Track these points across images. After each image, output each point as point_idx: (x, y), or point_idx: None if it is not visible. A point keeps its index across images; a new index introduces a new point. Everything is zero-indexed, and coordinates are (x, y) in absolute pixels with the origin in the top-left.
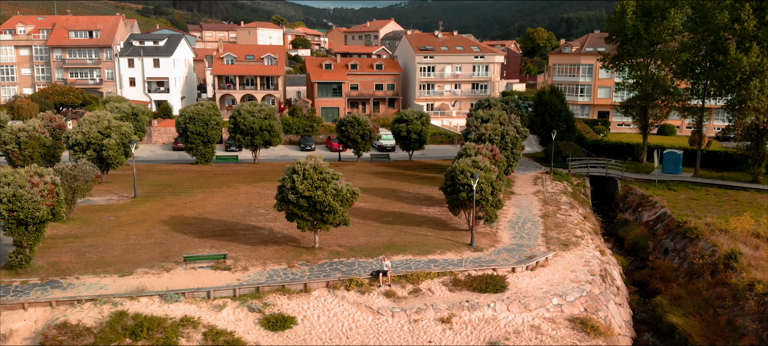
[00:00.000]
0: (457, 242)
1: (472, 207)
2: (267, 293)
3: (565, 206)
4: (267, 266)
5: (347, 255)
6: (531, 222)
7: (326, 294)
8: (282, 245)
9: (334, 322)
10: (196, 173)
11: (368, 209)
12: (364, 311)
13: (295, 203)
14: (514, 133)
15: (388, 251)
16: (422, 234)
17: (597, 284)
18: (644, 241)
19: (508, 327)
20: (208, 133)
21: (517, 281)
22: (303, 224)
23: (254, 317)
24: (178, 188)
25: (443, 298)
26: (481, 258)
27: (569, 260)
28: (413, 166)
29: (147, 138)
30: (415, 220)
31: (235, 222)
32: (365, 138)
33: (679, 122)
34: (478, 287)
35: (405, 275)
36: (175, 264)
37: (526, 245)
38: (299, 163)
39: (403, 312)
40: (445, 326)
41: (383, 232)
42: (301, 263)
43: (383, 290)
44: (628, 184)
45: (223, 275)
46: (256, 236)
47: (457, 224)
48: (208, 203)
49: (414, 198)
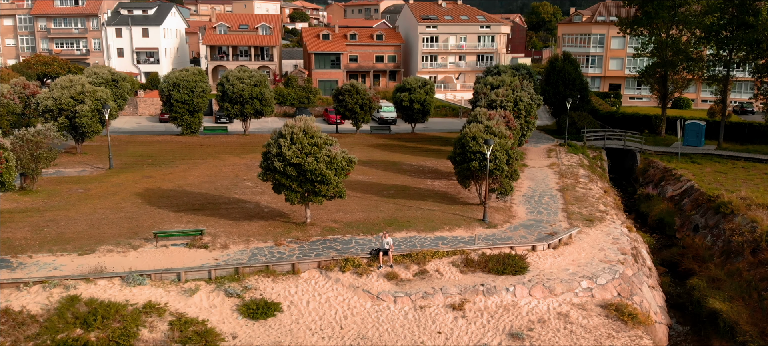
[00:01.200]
0: (467, 218)
1: (485, 178)
2: (248, 275)
3: (584, 179)
4: (250, 243)
5: (343, 232)
6: (548, 196)
7: (317, 276)
8: (269, 220)
9: (326, 309)
10: (181, 144)
11: (367, 182)
12: (361, 296)
13: (282, 172)
14: (528, 99)
15: (390, 228)
16: (428, 209)
17: (629, 265)
18: (670, 217)
19: (531, 315)
20: (194, 101)
21: (539, 262)
22: (292, 197)
23: (232, 302)
24: (159, 159)
25: (454, 280)
26: (496, 235)
27: (595, 238)
28: (416, 139)
29: (133, 109)
30: (420, 194)
31: (218, 195)
32: (365, 108)
33: (693, 95)
34: (494, 268)
35: (409, 254)
36: (144, 242)
37: (545, 221)
38: (287, 125)
39: (408, 297)
40: (456, 313)
41: (384, 206)
42: (289, 240)
43: (384, 271)
44: (647, 157)
45: (198, 253)
46: (240, 210)
47: (466, 197)
48: (189, 174)
49: (417, 171)
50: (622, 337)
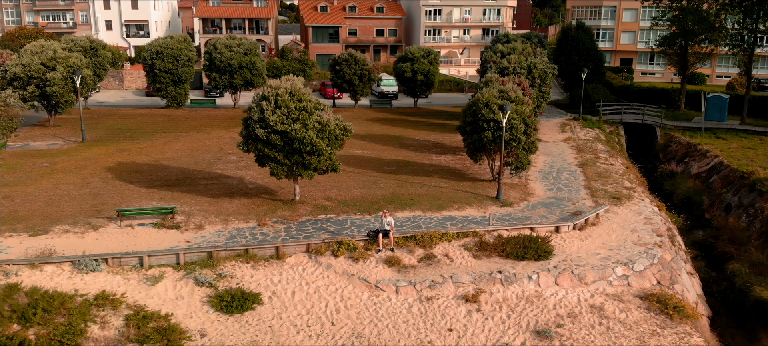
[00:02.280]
0: (478, 195)
1: (500, 150)
2: (224, 260)
3: (604, 154)
4: (229, 223)
5: (337, 210)
6: (567, 172)
7: (306, 262)
8: (253, 197)
9: (315, 301)
10: (165, 117)
11: (366, 156)
12: (357, 285)
13: (265, 141)
14: (542, 66)
15: (391, 206)
16: (434, 186)
17: (667, 248)
18: (698, 196)
19: (559, 308)
20: (179, 71)
21: (565, 245)
22: (277, 170)
23: (202, 293)
24: (138, 132)
25: (466, 266)
26: (512, 215)
27: (625, 217)
28: (419, 113)
29: (118, 83)
30: (424, 169)
31: (198, 170)
32: (364, 80)
33: (708, 71)
34: (513, 253)
35: (413, 236)
36: (107, 221)
37: (566, 199)
38: (270, 86)
39: (412, 287)
40: (470, 306)
41: (384, 183)
42: (275, 220)
43: (384, 256)
44: (668, 132)
45: (168, 235)
46: (221, 186)
47: (476, 173)
48: (168, 148)
49: (421, 145)
50: (669, 335)
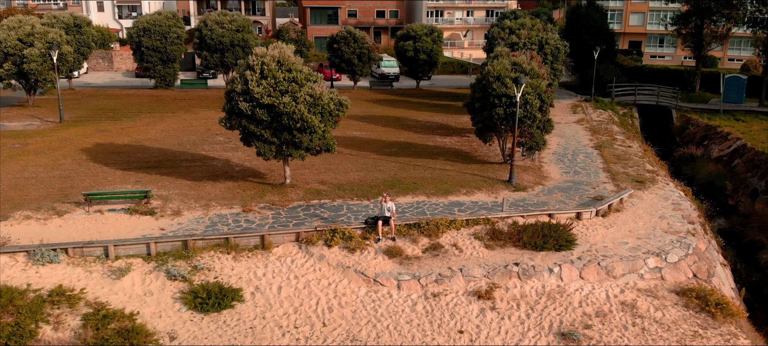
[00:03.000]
0: (488, 179)
1: (513, 129)
2: (201, 250)
3: (620, 136)
4: (211, 209)
5: (332, 195)
6: (583, 154)
7: (295, 252)
8: (238, 180)
9: (304, 297)
10: (152, 97)
11: (365, 138)
12: (352, 279)
13: (249, 116)
14: (555, 41)
15: (392, 190)
16: (439, 168)
17: (700, 237)
18: (720, 180)
19: (585, 306)
20: (168, 49)
21: (588, 233)
22: (264, 149)
23: (174, 288)
24: (122, 112)
25: (477, 258)
26: (527, 200)
27: (651, 202)
28: (421, 94)
29: (108, 64)
30: (428, 151)
31: (181, 151)
32: (363, 59)
33: (720, 53)
34: (531, 242)
35: (417, 223)
36: (74, 206)
37: (585, 183)
38: (256, 54)
39: (416, 281)
40: (483, 303)
41: (384, 166)
42: (262, 206)
43: (384, 245)
44: (684, 114)
45: (141, 221)
46: (205, 168)
47: (485, 155)
48: (152, 128)
49: (424, 127)
50: (713, 336)
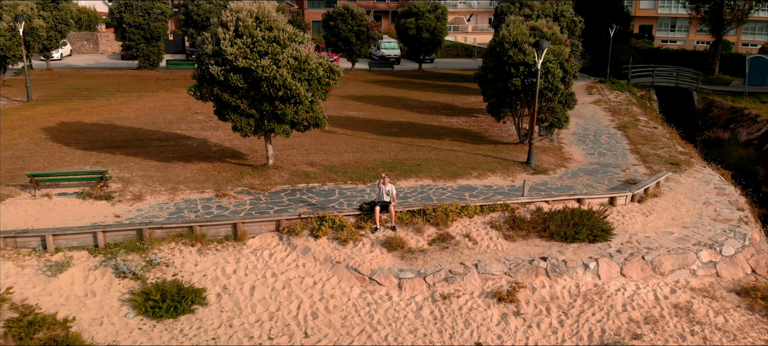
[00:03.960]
0: (503, 160)
1: (531, 102)
2: (160, 241)
3: (642, 117)
4: (178, 193)
5: (322, 178)
6: (606, 135)
7: (274, 244)
8: (214, 161)
9: (283, 300)
10: (133, 77)
11: (362, 118)
12: (344, 276)
13: (222, 83)
14: (571, 13)
15: (392, 173)
16: (446, 149)
17: (752, 225)
18: (752, 165)
19: (631, 309)
20: (151, 26)
21: (624, 221)
22: (241, 123)
23: (123, 288)
24: (97, 91)
25: (496, 251)
26: (549, 184)
27: (690, 187)
28: (424, 76)
29: (93, 46)
30: (433, 132)
31: (154, 130)
32: (361, 38)
33: (733, 38)
34: (560, 232)
35: (422, 209)
36: (19, 189)
37: (613, 165)
38: (231, 9)
39: (421, 280)
40: (504, 308)
41: (384, 146)
42: (239, 189)
43: (382, 236)
44: (706, 96)
45: (95, 207)
46: (178, 148)
47: (496, 135)
48: (127, 107)
49: (428, 107)
50: None
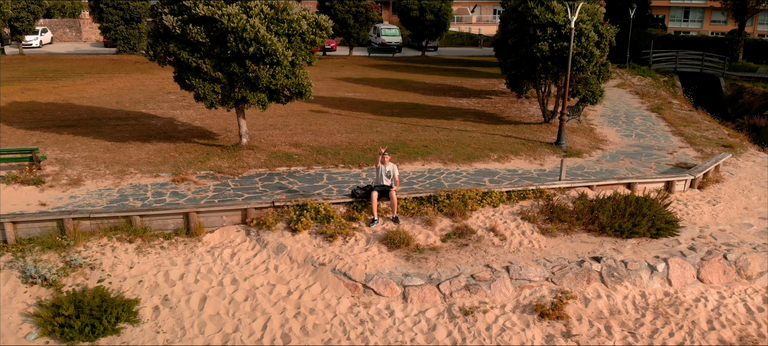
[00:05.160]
0: (527, 141)
1: (566, 69)
2: (87, 235)
3: (674, 100)
4: (126, 177)
5: (308, 160)
6: (639, 116)
7: (239, 240)
8: (178, 141)
9: (244, 316)
10: (110, 61)
11: (358, 99)
12: (329, 283)
13: (179, 37)
14: None
15: (394, 156)
16: (457, 129)
17: None
18: None
19: (719, 326)
20: (130, 6)
21: (689, 211)
22: (205, 90)
23: (30, 297)
24: (65, 73)
25: (530, 249)
26: (586, 168)
27: (754, 171)
28: (428, 61)
29: (75, 34)
30: (440, 112)
31: (115, 109)
32: (360, 20)
33: (749, 29)
34: (613, 225)
35: (433, 196)
36: None
37: (656, 147)
38: None
39: (433, 289)
40: (550, 326)
41: (384, 127)
42: (202, 173)
43: (380, 229)
44: (734, 83)
45: (19, 193)
46: (138, 127)
47: (515, 116)
48: (92, 87)
49: (433, 89)
50: None
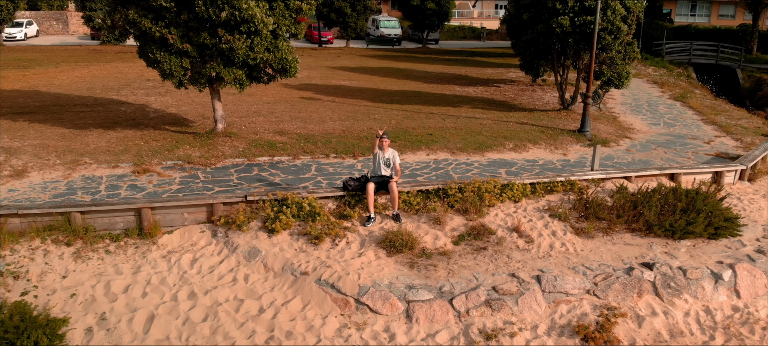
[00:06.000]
0: (546, 129)
1: (592, 48)
2: (16, 237)
3: (696, 90)
4: (79, 168)
5: (294, 149)
6: (663, 105)
7: (202, 243)
8: (146, 129)
9: (198, 340)
10: (92, 50)
11: (355, 87)
12: (313, 298)
13: (139, 3)
14: None
15: (394, 144)
16: (465, 116)
17: None
18: None
19: None
20: None
21: (746, 207)
22: (171, 64)
23: None
24: (40, 62)
25: (563, 252)
26: (616, 158)
27: None
28: (429, 52)
29: (62, 27)
30: (445, 99)
31: (84, 96)
32: (357, 9)
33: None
34: (662, 223)
35: (441, 189)
36: None
37: (690, 136)
38: None
39: (444, 305)
40: None
41: (382, 114)
42: (169, 163)
43: (378, 229)
44: (752, 74)
45: None
46: (105, 114)
47: (528, 103)
48: (65, 75)
49: (437, 77)
50: None
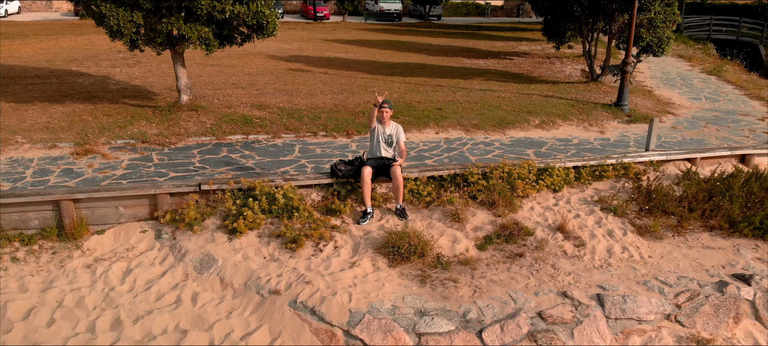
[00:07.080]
0: (576, 102)
1: (633, 4)
2: None
3: (727, 65)
4: (7, 150)
5: (274, 126)
6: (697, 79)
7: (143, 247)
8: (101, 102)
9: None
10: (70, 25)
11: (351, 59)
12: (286, 328)
13: None
14: None
15: (398, 120)
16: (478, 89)
17: None
18: None
19: None
20: None
21: None
22: (118, 19)
23: None
24: (8, 36)
25: (625, 259)
26: (663, 136)
27: None
28: (432, 26)
29: (45, 4)
30: (454, 72)
31: (40, 68)
32: None
33: None
34: (748, 220)
35: (459, 175)
36: None
37: (738, 112)
38: None
39: (469, 337)
40: None
41: (382, 86)
42: (120, 143)
43: (377, 228)
44: None
45: None
46: (57, 87)
47: (547, 75)
48: (29, 47)
49: (442, 50)
50: None
